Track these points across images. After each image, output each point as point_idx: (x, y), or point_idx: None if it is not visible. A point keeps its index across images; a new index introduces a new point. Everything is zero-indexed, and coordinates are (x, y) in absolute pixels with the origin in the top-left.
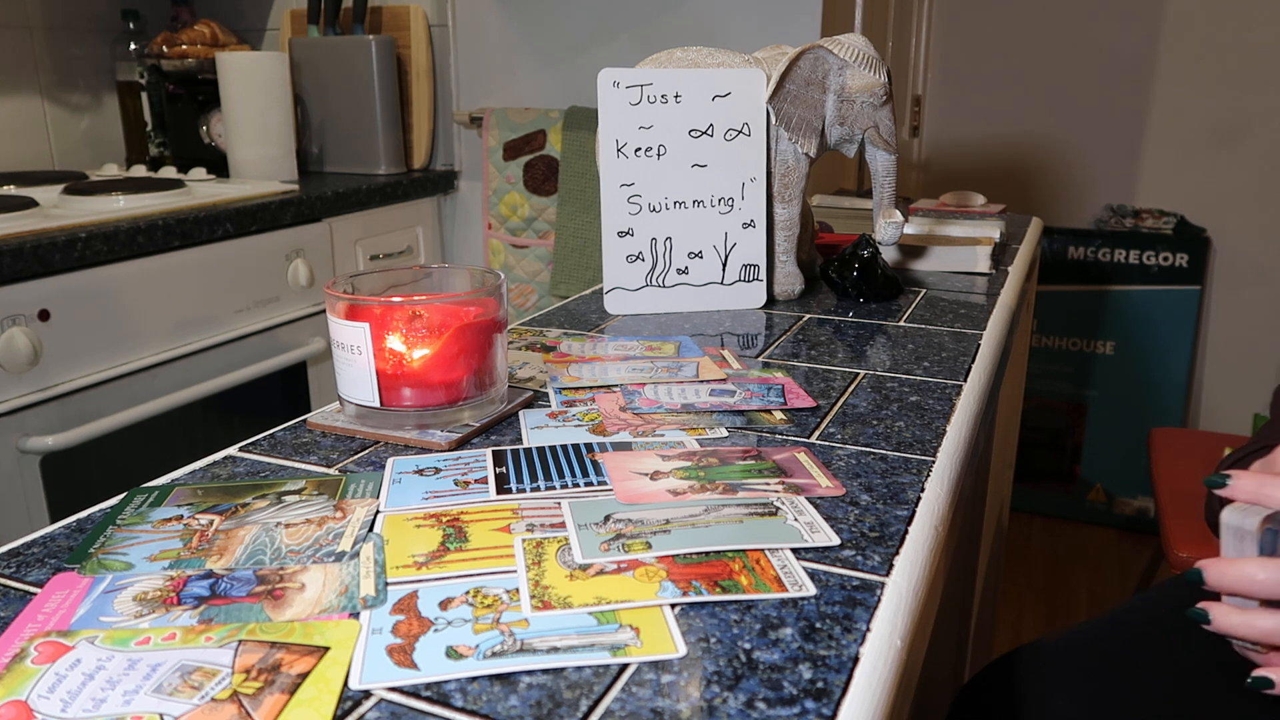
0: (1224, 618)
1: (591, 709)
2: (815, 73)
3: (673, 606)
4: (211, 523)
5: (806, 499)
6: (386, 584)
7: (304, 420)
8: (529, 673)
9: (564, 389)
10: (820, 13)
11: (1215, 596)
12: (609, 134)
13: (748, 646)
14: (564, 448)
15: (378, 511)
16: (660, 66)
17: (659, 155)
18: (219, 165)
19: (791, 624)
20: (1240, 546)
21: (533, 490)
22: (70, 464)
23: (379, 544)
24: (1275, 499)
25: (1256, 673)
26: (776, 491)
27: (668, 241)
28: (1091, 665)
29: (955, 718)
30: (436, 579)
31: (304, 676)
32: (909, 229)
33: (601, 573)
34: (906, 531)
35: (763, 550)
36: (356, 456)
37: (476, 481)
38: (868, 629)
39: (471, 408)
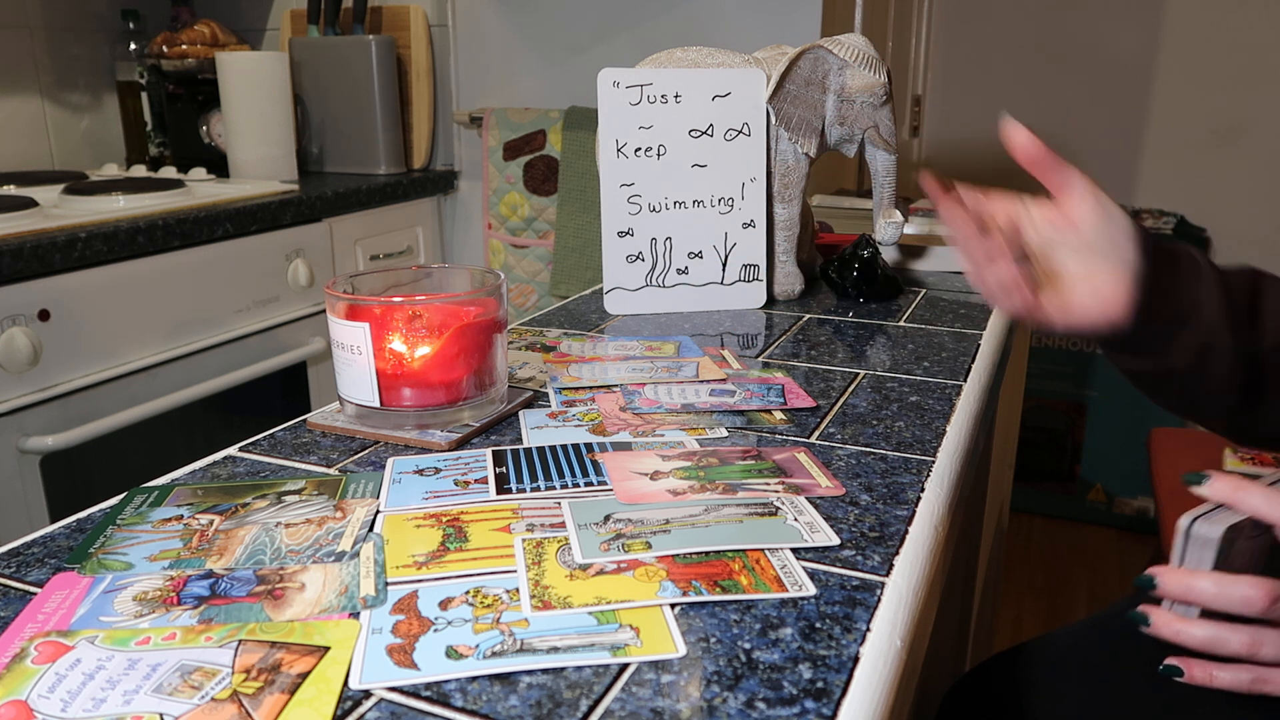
0: (1164, 625)
1: (591, 709)
2: (815, 73)
3: (673, 606)
4: (211, 523)
5: (806, 499)
6: (386, 584)
7: (304, 420)
8: (529, 673)
9: (564, 389)
10: (820, 13)
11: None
12: (609, 134)
13: (748, 646)
14: (564, 448)
15: (378, 511)
16: (660, 66)
17: (659, 155)
18: (219, 165)
19: (791, 624)
20: (1200, 555)
21: (533, 490)
22: (70, 464)
23: (379, 544)
24: (1248, 504)
25: (1168, 660)
26: (776, 491)
27: (668, 241)
28: (1078, 667)
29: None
30: (436, 579)
31: (304, 676)
32: (909, 229)
33: (601, 573)
34: (906, 531)
35: (763, 550)
36: (356, 456)
37: (476, 481)
38: (868, 629)
39: (471, 408)
